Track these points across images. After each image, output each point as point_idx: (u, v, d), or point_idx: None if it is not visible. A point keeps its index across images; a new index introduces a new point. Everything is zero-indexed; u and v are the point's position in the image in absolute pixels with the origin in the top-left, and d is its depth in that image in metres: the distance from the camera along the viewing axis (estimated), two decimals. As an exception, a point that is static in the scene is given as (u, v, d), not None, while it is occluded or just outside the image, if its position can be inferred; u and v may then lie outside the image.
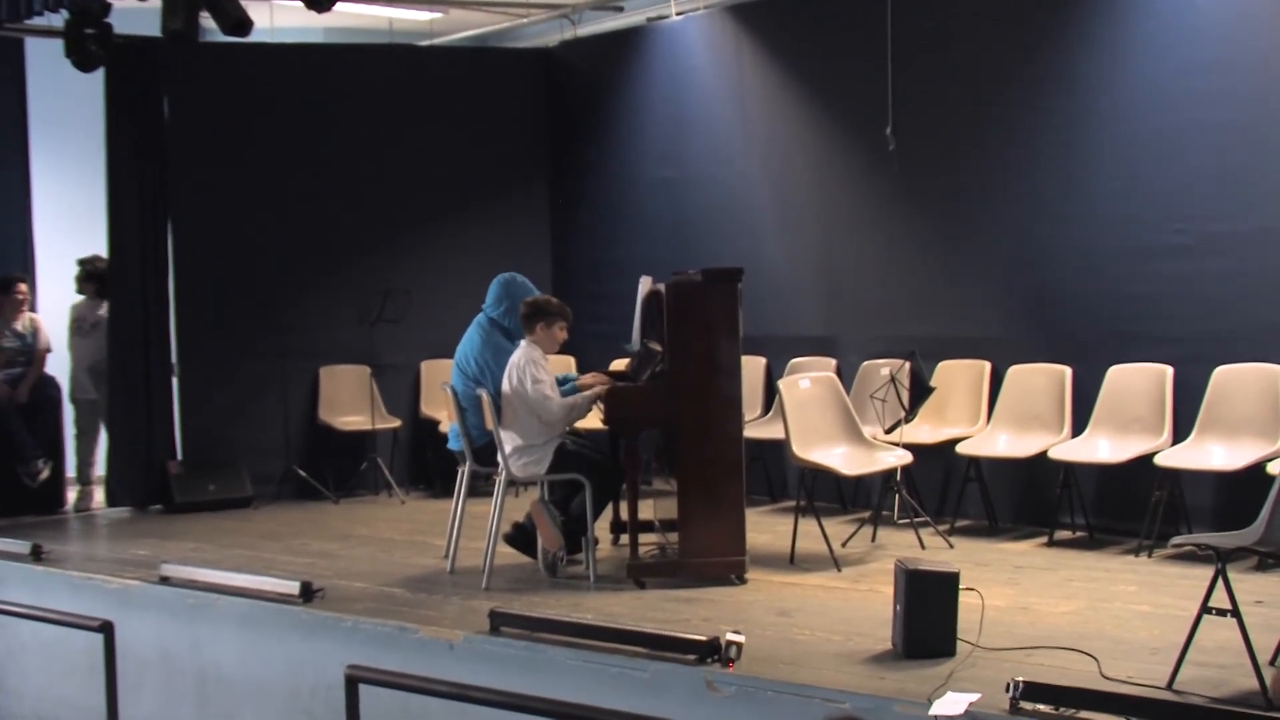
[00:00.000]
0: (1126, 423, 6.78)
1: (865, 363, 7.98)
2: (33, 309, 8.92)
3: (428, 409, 9.47)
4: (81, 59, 8.36)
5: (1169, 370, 6.73)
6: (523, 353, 6.32)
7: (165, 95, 8.94)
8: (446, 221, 9.76)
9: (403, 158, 9.59)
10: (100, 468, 9.00)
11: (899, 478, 7.03)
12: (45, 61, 9.12)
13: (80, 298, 9.03)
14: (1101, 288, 7.08)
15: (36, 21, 8.44)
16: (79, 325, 8.92)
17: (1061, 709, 4.04)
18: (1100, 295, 7.09)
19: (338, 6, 7.84)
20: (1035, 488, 7.30)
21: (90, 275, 8.90)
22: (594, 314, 9.10)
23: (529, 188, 10.13)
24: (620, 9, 9.87)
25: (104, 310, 8.88)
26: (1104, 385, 6.94)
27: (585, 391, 6.41)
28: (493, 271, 6.93)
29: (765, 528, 7.51)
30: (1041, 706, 4.06)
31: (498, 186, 9.96)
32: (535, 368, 6.23)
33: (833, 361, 8.26)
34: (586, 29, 10.03)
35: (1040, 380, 7.24)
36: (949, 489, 7.65)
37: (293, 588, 5.88)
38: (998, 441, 7.19)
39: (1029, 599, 5.68)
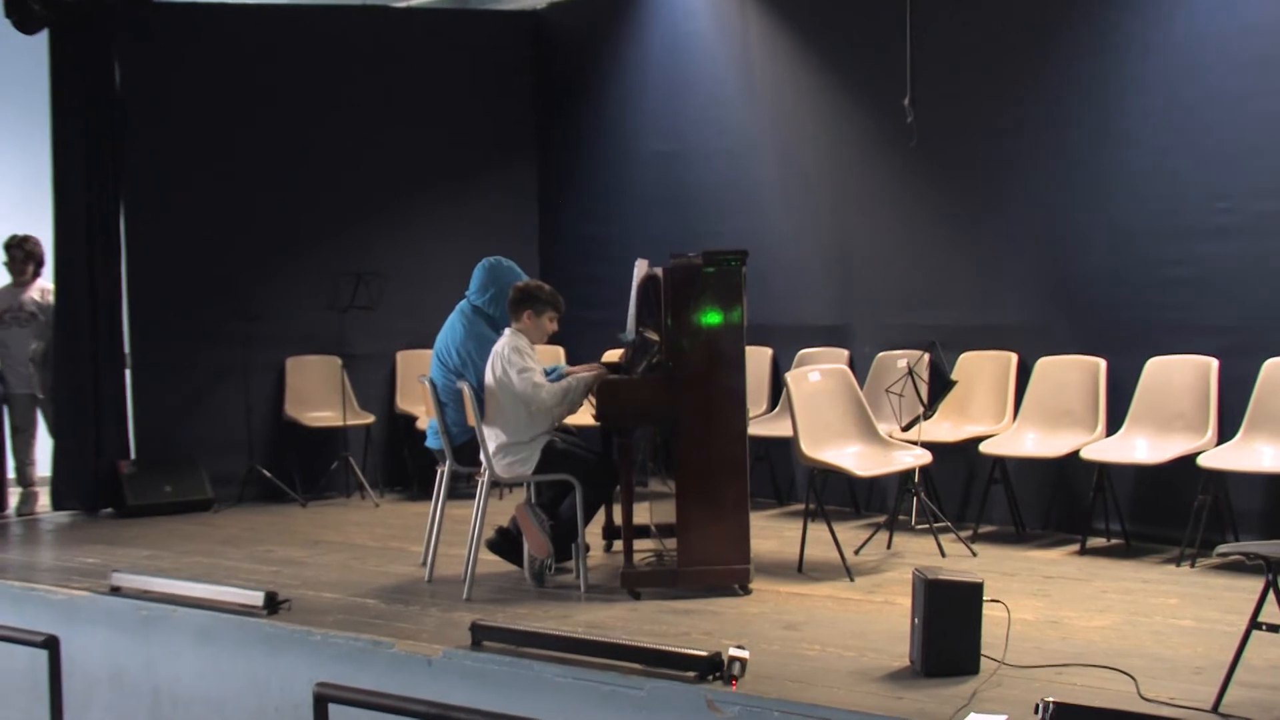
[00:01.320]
0: (1167, 420, 6.77)
1: (880, 354, 7.98)
2: None
3: (404, 403, 9.46)
4: (22, 18, 8.31)
5: (1214, 362, 6.72)
6: (506, 341, 6.30)
7: (116, 60, 8.89)
8: (425, 199, 9.76)
9: (378, 129, 9.57)
10: (43, 468, 8.96)
11: (917, 479, 7.02)
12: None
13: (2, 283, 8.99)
14: (1140, 271, 7.06)
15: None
16: (7, 314, 8.86)
17: (1096, 732, 4.02)
18: (1138, 279, 7.07)
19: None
20: (1066, 491, 7.29)
21: (28, 257, 8.84)
22: (585, 300, 9.08)
23: (515, 163, 10.12)
24: (614, -33, 9.86)
25: (35, 294, 8.84)
26: (1142, 378, 6.92)
27: (581, 374, 6.39)
28: (475, 254, 6.92)
29: (771, 533, 7.50)
30: (1074, 729, 4.04)
31: (481, 161, 9.94)
32: (520, 356, 6.21)
33: (845, 352, 8.25)
34: (577, -11, 10.03)
35: (1072, 373, 7.22)
36: (972, 492, 7.64)
37: (256, 598, 5.87)
38: (1025, 440, 7.18)
39: (1060, 612, 5.67)
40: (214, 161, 9.09)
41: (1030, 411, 7.30)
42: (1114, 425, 6.96)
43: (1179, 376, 6.82)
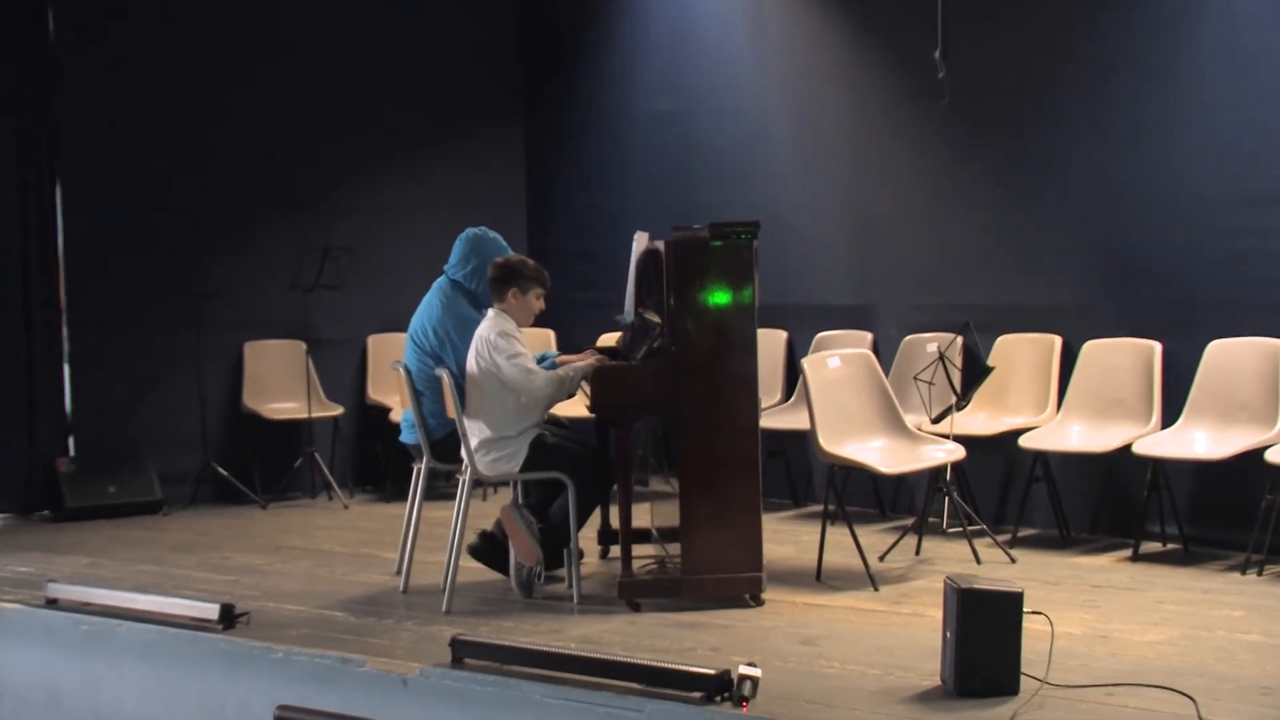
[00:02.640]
0: (1230, 410, 6.75)
1: (908, 337, 7.99)
2: None
3: (376, 393, 9.46)
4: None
5: (1283, 345, 6.72)
6: (491, 324, 6.28)
7: (50, 7, 8.84)
8: (400, 166, 9.75)
9: (346, 88, 9.56)
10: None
11: (949, 477, 7.02)
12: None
13: None
14: (1200, 244, 7.04)
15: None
16: None
17: (1151, 760, 4.01)
18: (1198, 253, 7.05)
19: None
20: (1117, 490, 7.28)
21: None
22: (578, 278, 9.08)
23: (500, 125, 10.11)
24: (610, -95, 9.83)
25: None
26: (1202, 364, 6.91)
27: (576, 362, 6.37)
28: (455, 226, 6.92)
29: (786, 538, 7.51)
30: (1127, 756, 4.02)
31: (462, 124, 9.94)
32: (508, 340, 6.20)
33: (868, 336, 8.26)
34: (569, -70, 10.03)
35: (1123, 358, 7.21)
36: (1010, 491, 7.64)
37: (211, 611, 5.86)
38: (1070, 433, 7.17)
39: (1109, 625, 5.67)
40: (163, 125, 9.04)
41: (1076, 401, 7.28)
42: (1170, 416, 6.95)
43: (1244, 361, 6.79)
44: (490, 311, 6.39)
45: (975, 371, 6.95)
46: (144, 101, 9.01)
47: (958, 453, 6.78)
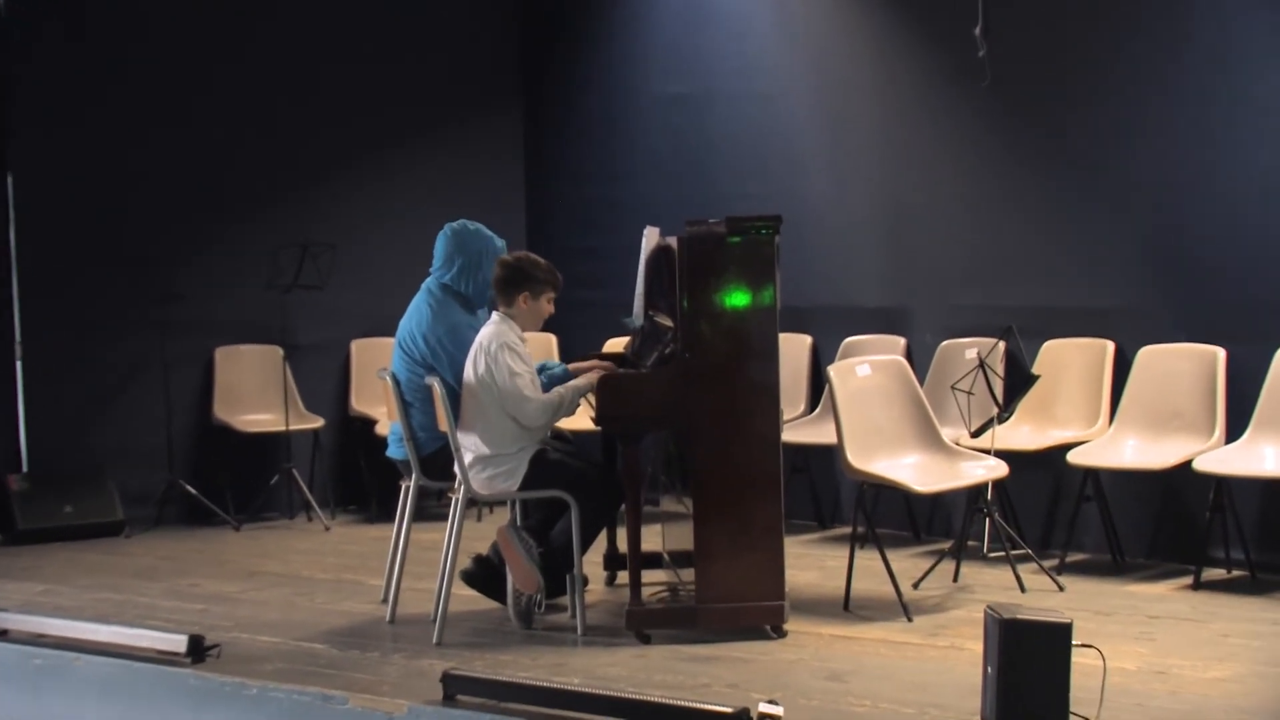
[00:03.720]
0: (1299, 423, 6.75)
1: (945, 342, 7.99)
2: None
3: (360, 404, 9.47)
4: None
5: (1359, 352, 6.72)
6: (494, 332, 6.29)
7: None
8: (385, 155, 9.77)
9: (327, 71, 9.57)
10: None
11: (990, 496, 7.02)
12: None
13: None
14: (1267, 241, 7.03)
15: None
16: None
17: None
18: (1266, 251, 7.04)
19: None
20: (1176, 510, 7.28)
21: None
22: (582, 277, 9.03)
23: (496, 109, 10.12)
24: None
25: None
26: (1271, 372, 6.90)
27: (574, 381, 6.37)
28: (446, 220, 6.90)
29: (811, 563, 7.52)
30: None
31: (454, 108, 9.95)
32: (511, 355, 6.20)
33: (901, 341, 8.26)
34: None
35: (1183, 365, 7.20)
36: (1058, 512, 7.64)
37: (178, 643, 5.86)
38: (1124, 448, 7.16)
39: (1168, 660, 5.66)
40: (127, 111, 9.06)
41: (1130, 413, 7.28)
42: (1235, 430, 6.94)
43: (1315, 370, 6.80)
44: (495, 315, 6.39)
45: (1019, 380, 6.94)
46: (103, 87, 9.02)
47: (1000, 469, 6.77)
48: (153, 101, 9.12)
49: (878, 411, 6.89)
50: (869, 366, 7.06)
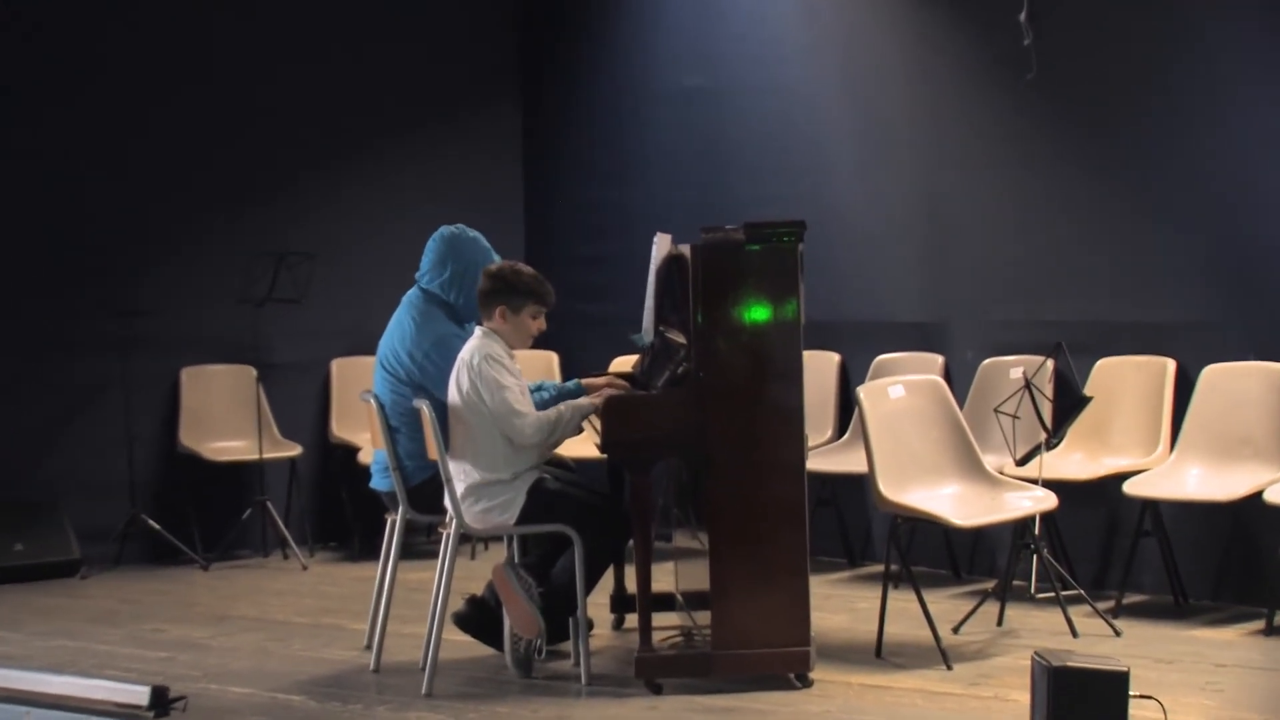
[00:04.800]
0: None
1: (987, 360, 7.99)
2: None
3: (342, 430, 9.48)
4: None
5: None
6: (477, 346, 6.29)
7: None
8: (368, 156, 9.80)
9: (307, 62, 9.60)
10: None
11: (1038, 531, 7.01)
12: None
13: None
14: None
15: None
16: None
17: None
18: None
19: None
20: (1244, 547, 7.27)
21: None
22: (586, 289, 9.09)
23: (493, 105, 10.14)
24: None
25: None
26: (1349, 393, 6.92)
27: (580, 399, 6.37)
28: (436, 227, 6.90)
29: (839, 604, 7.52)
30: None
31: (445, 104, 9.98)
32: (495, 368, 6.20)
33: (939, 359, 8.26)
34: None
35: (1252, 386, 7.20)
36: (1113, 548, 7.63)
37: (140, 695, 5.79)
38: (1186, 478, 7.16)
39: (1237, 714, 5.65)
40: (85, 107, 9.08)
41: (1194, 439, 7.27)
42: (1311, 457, 6.95)
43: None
44: (477, 330, 6.40)
45: (1069, 402, 6.95)
46: (60, 79, 9.03)
47: (1048, 501, 6.77)
48: (112, 96, 9.13)
49: (913, 437, 6.89)
50: (903, 387, 7.06)
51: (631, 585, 6.42)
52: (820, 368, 8.42)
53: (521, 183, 10.21)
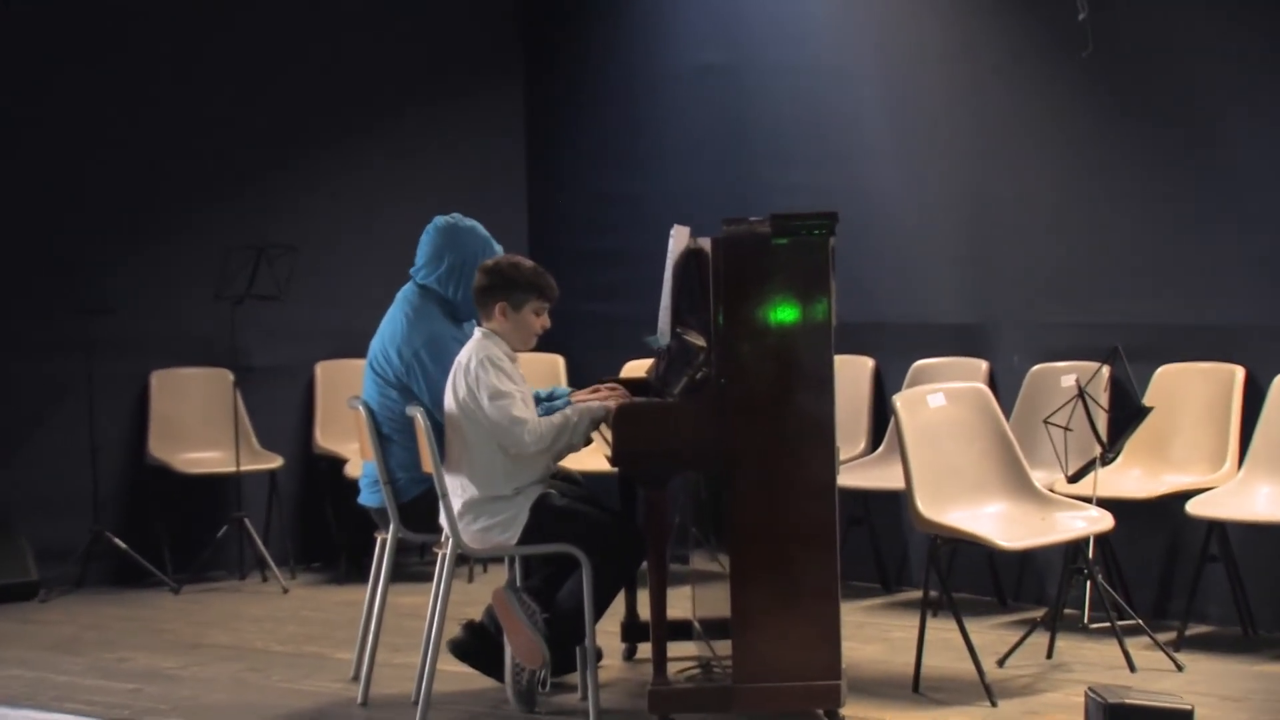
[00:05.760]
0: None
1: (1036, 367, 8.00)
2: None
3: (327, 440, 9.51)
4: None
5: None
6: (475, 348, 6.30)
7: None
8: (357, 141, 9.84)
9: (289, 42, 9.63)
10: None
11: (1092, 555, 7.01)
12: None
13: None
14: None
15: None
16: None
17: None
18: None
19: None
20: (1318, 572, 7.26)
21: None
22: (595, 287, 9.10)
23: (493, 87, 10.15)
24: None
25: None
26: None
27: (588, 402, 6.38)
28: (429, 218, 6.91)
29: (874, 633, 7.53)
30: None
31: (443, 85, 10.00)
32: (493, 372, 6.20)
33: (983, 365, 8.27)
34: None
35: (1326, 396, 7.20)
36: (1175, 574, 7.64)
37: (104, 729, 5.87)
38: (1256, 497, 7.14)
39: (1309, 754, 5.65)
40: (50, 92, 9.10)
41: (1264, 454, 7.26)
42: (1394, 475, 6.95)
43: None
44: (477, 332, 6.40)
45: (1127, 413, 6.95)
46: (25, 63, 9.04)
47: (1103, 522, 6.76)
48: (87, 84, 9.16)
49: (954, 451, 6.89)
50: (944, 396, 7.06)
51: (645, 612, 6.43)
52: (853, 374, 8.44)
53: (525, 170, 10.23)
